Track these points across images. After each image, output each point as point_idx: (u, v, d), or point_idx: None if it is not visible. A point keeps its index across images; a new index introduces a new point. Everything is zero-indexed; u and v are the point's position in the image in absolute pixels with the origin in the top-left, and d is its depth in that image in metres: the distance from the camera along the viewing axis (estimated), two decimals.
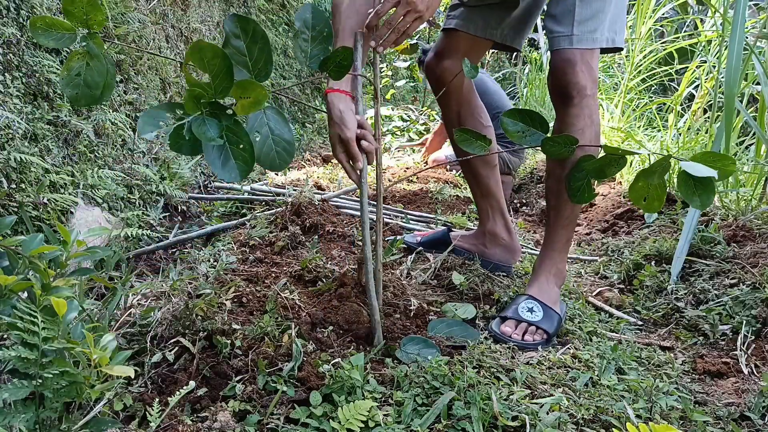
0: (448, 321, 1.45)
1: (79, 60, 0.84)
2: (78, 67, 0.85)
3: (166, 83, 2.78)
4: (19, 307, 0.81)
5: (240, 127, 0.91)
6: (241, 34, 0.92)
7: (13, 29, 1.72)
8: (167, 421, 1.00)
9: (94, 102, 0.88)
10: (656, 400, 1.15)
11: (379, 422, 0.99)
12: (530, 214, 3.63)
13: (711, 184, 1.01)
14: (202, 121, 0.86)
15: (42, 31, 0.79)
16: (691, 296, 1.84)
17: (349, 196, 2.72)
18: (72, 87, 0.86)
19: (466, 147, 1.34)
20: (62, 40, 0.82)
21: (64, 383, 0.82)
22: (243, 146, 0.91)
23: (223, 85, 0.85)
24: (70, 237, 0.91)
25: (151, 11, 2.70)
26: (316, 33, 1.12)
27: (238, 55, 0.93)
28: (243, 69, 0.94)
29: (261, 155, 1.00)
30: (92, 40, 0.83)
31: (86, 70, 0.85)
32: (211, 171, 3.02)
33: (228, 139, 0.90)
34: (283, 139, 1.02)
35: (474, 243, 1.95)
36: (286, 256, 1.86)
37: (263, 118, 1.00)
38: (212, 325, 1.22)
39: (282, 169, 1.04)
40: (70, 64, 0.85)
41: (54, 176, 1.77)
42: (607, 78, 4.86)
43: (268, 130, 1.00)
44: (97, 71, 0.85)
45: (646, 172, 1.08)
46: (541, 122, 1.20)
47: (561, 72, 1.48)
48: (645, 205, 1.11)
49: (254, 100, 0.87)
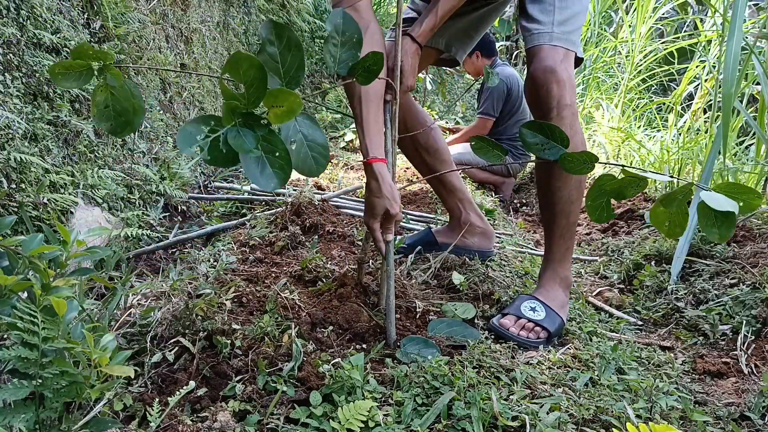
0: (448, 321, 1.45)
1: (102, 93, 0.86)
2: (104, 100, 0.86)
3: (166, 83, 2.78)
4: (19, 307, 0.81)
5: (275, 136, 0.90)
6: (275, 40, 0.92)
7: (13, 29, 1.72)
8: (167, 421, 1.00)
9: (132, 128, 0.90)
10: (656, 400, 1.15)
11: (379, 422, 0.99)
12: (530, 214, 3.63)
13: (732, 217, 0.97)
14: (238, 133, 0.86)
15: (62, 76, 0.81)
16: (691, 296, 1.84)
17: (349, 196, 2.72)
18: (106, 120, 0.87)
19: (482, 155, 1.35)
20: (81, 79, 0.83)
21: (64, 383, 0.82)
22: (279, 154, 0.91)
23: (256, 94, 0.85)
24: (70, 237, 0.91)
25: (151, 11, 2.70)
26: (345, 38, 1.12)
27: (272, 62, 0.92)
28: (275, 76, 0.93)
29: (299, 162, 0.99)
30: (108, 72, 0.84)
31: (112, 100, 0.86)
32: (211, 171, 3.02)
33: (264, 149, 0.89)
34: (317, 143, 1.02)
35: (453, 235, 1.99)
36: (286, 256, 1.86)
37: (296, 125, 1.00)
38: (212, 325, 1.22)
39: (319, 173, 1.03)
40: (96, 100, 0.87)
41: (54, 176, 1.77)
42: (607, 78, 4.86)
43: (302, 136, 1.00)
44: (123, 98, 0.87)
45: (666, 199, 1.05)
46: (561, 136, 1.18)
47: (540, 82, 1.46)
48: (667, 229, 1.08)
49: (288, 109, 0.86)
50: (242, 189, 2.72)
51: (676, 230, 1.07)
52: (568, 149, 1.35)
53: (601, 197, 1.16)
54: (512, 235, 2.60)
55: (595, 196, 1.16)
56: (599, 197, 1.16)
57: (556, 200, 1.55)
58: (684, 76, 3.77)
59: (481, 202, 3.00)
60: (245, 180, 2.99)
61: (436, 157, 1.94)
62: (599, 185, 1.14)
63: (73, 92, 1.96)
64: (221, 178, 3.01)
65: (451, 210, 2.02)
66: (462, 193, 2.00)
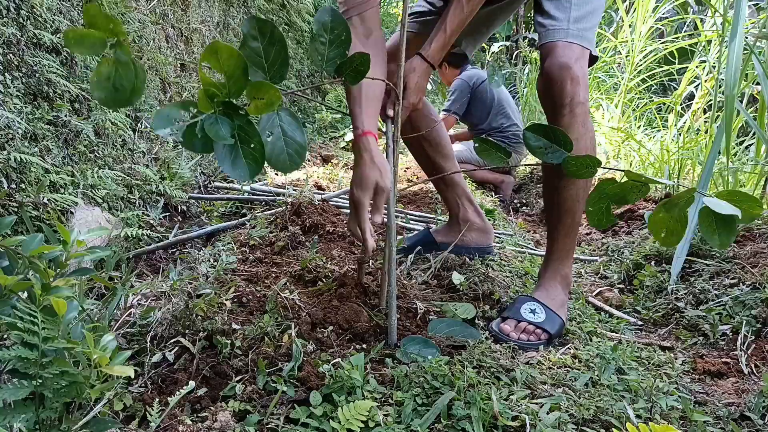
0: (448, 321, 1.45)
1: (108, 66, 0.86)
2: (108, 72, 0.86)
3: (165, 83, 2.78)
4: (19, 307, 0.81)
5: (252, 127, 0.91)
6: (258, 36, 0.92)
7: (13, 29, 1.72)
8: (167, 421, 1.00)
9: (122, 104, 0.90)
10: (656, 400, 1.15)
11: (379, 422, 0.99)
12: (530, 214, 3.63)
13: (733, 223, 0.97)
14: (215, 120, 0.86)
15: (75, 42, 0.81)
16: (691, 296, 1.84)
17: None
18: (101, 90, 0.87)
19: (486, 157, 1.35)
20: (93, 49, 0.83)
21: (64, 383, 0.82)
22: (254, 146, 0.91)
23: (237, 86, 0.86)
24: (70, 237, 0.91)
25: (151, 11, 2.70)
26: (334, 36, 1.11)
27: (255, 57, 0.93)
28: (258, 70, 0.94)
29: (272, 156, 0.99)
30: (120, 48, 0.84)
31: (115, 75, 0.86)
32: (211, 171, 3.02)
33: (239, 139, 0.90)
34: (295, 141, 1.01)
35: (452, 234, 1.99)
36: (286, 256, 1.86)
37: (276, 119, 1.00)
38: (212, 325, 1.22)
39: (292, 170, 1.03)
40: (100, 69, 0.87)
41: (54, 176, 1.77)
42: (607, 78, 4.86)
43: (280, 131, 1.00)
44: (125, 77, 0.87)
45: (668, 205, 1.03)
46: (564, 139, 1.18)
47: (554, 78, 1.45)
48: (663, 238, 1.06)
49: (268, 102, 0.87)
50: (242, 189, 2.72)
51: (672, 239, 1.05)
52: (580, 146, 1.40)
53: (601, 202, 1.14)
54: (512, 235, 2.60)
55: (595, 201, 1.14)
56: (599, 202, 1.14)
57: (563, 199, 1.55)
58: (684, 76, 3.77)
59: (482, 201, 3.00)
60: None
61: (438, 151, 1.95)
62: (600, 189, 1.13)
63: (73, 92, 1.96)
64: (221, 178, 3.01)
65: (450, 206, 2.02)
66: (461, 189, 2.00)
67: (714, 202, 0.96)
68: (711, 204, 0.95)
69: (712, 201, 0.96)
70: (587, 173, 1.16)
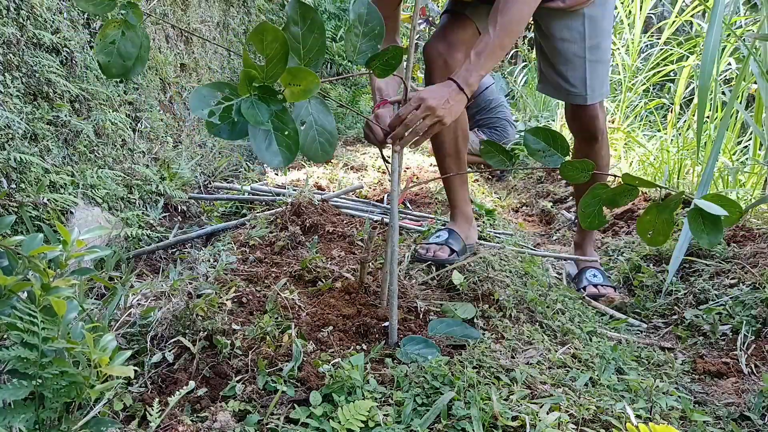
0: (448, 321, 1.45)
1: (114, 28, 0.85)
2: (113, 35, 0.85)
3: (165, 83, 2.78)
4: (19, 307, 0.81)
5: (287, 114, 0.90)
6: (300, 20, 0.91)
7: (13, 29, 1.72)
8: (167, 421, 1.00)
9: (125, 73, 0.88)
10: (656, 400, 1.15)
11: (379, 422, 0.99)
12: (530, 214, 3.63)
13: (720, 223, 1.03)
14: (252, 104, 0.85)
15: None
16: (691, 296, 1.84)
17: (348, 196, 2.72)
18: (105, 54, 0.86)
19: (490, 160, 1.35)
20: (102, 6, 0.82)
21: (64, 383, 0.81)
22: (288, 133, 0.90)
23: (276, 69, 0.84)
24: (70, 237, 0.91)
25: (151, 11, 2.70)
26: (368, 29, 1.10)
27: (293, 42, 0.92)
28: (295, 56, 0.93)
29: (305, 144, 0.98)
30: (131, 9, 0.83)
31: (121, 39, 0.85)
32: (211, 171, 3.02)
33: (274, 125, 0.88)
34: (326, 129, 1.00)
35: (472, 231, 2.03)
36: (286, 256, 1.86)
37: (308, 107, 0.99)
38: (212, 325, 1.22)
39: (324, 160, 1.02)
40: (105, 32, 0.85)
41: (54, 176, 1.76)
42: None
43: (312, 119, 0.99)
44: (131, 42, 0.86)
45: (659, 207, 1.09)
46: (562, 144, 1.21)
47: (585, 123, 1.87)
48: (649, 239, 1.11)
49: (305, 88, 0.86)
50: (242, 189, 2.72)
51: (659, 239, 1.11)
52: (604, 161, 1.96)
53: (593, 205, 1.19)
54: (512, 235, 2.60)
55: (587, 204, 1.18)
56: (592, 205, 1.19)
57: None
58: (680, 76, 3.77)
59: (482, 202, 3.00)
60: (245, 180, 2.99)
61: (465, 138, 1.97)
62: (593, 194, 1.17)
63: (73, 92, 1.96)
64: (221, 178, 3.01)
65: (458, 201, 2.00)
66: (465, 181, 2.04)
67: (704, 203, 1.01)
68: (701, 204, 1.00)
69: (702, 201, 1.01)
70: (582, 177, 1.19)
